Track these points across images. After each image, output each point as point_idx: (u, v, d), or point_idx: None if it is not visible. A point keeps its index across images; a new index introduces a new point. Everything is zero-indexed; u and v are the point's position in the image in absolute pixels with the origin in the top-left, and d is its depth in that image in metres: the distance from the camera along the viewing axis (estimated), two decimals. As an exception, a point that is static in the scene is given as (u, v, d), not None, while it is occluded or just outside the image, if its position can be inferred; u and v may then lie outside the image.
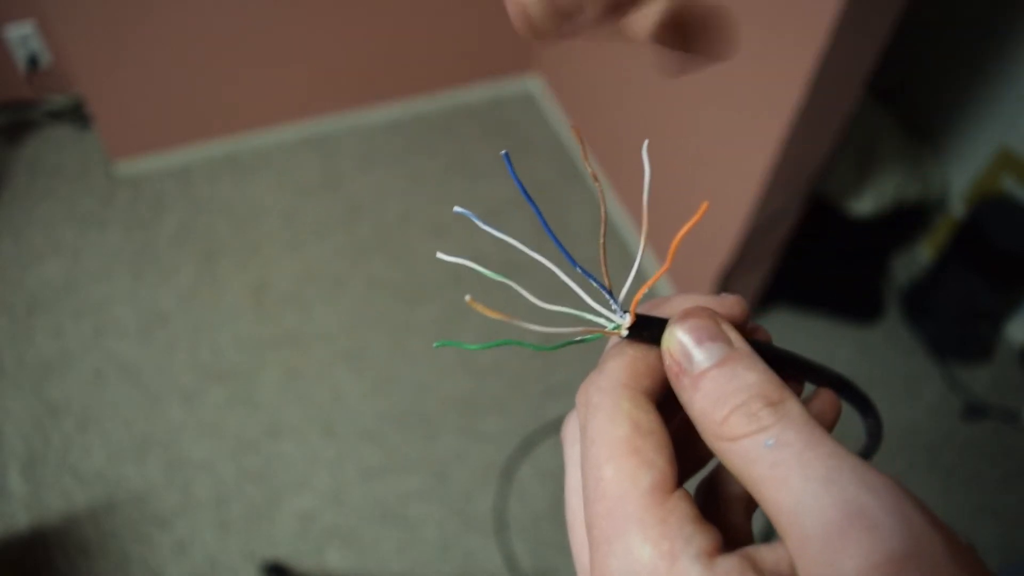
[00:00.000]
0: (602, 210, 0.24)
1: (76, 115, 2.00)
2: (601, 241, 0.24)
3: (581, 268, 0.25)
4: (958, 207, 1.85)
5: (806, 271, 1.78)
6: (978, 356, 1.78)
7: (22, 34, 1.84)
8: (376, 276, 1.78)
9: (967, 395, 1.72)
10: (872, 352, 1.79)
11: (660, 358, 0.23)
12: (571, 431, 0.25)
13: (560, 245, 0.25)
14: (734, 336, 0.21)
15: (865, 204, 1.71)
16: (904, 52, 1.80)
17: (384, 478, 1.50)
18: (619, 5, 0.25)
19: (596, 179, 0.25)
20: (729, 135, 1.44)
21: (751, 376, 0.20)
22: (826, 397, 0.26)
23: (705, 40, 0.27)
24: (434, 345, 0.25)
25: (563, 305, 0.25)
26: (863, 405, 0.28)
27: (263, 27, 1.80)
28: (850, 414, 0.28)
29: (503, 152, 0.25)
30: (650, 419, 0.21)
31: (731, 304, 0.24)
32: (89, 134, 1.98)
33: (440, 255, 0.26)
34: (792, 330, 1.79)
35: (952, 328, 1.76)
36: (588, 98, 1.97)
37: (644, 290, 0.23)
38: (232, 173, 1.95)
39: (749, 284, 1.64)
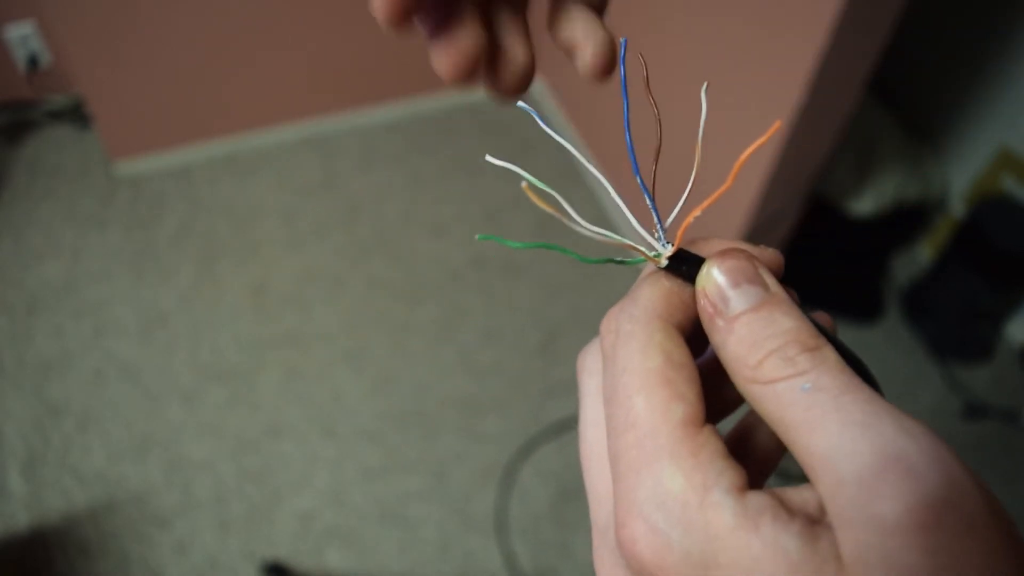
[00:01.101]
0: (658, 131, 0.24)
1: (76, 115, 2.00)
2: (653, 167, 0.24)
3: (640, 178, 0.24)
4: (958, 207, 1.85)
5: (806, 271, 1.78)
6: (978, 356, 1.78)
7: (22, 34, 1.84)
8: (376, 276, 1.78)
9: (967, 395, 1.72)
10: (872, 352, 1.79)
11: (694, 296, 0.22)
12: (591, 361, 0.24)
13: (629, 139, 0.24)
14: (771, 281, 0.21)
15: (865, 204, 1.71)
16: (904, 52, 1.80)
17: (384, 478, 1.50)
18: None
19: (654, 105, 0.25)
20: (729, 135, 1.44)
21: (788, 322, 0.20)
22: None
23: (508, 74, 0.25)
24: (477, 238, 0.24)
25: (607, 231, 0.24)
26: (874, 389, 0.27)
27: (263, 27, 1.80)
28: None
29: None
30: (682, 352, 0.21)
31: (770, 255, 0.24)
32: (89, 134, 1.98)
33: (489, 158, 0.25)
34: (792, 330, 1.79)
35: (952, 328, 1.76)
36: (588, 98, 1.97)
37: (695, 214, 0.23)
38: (232, 173, 1.95)
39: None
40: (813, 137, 1.32)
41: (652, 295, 0.22)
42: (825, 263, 1.83)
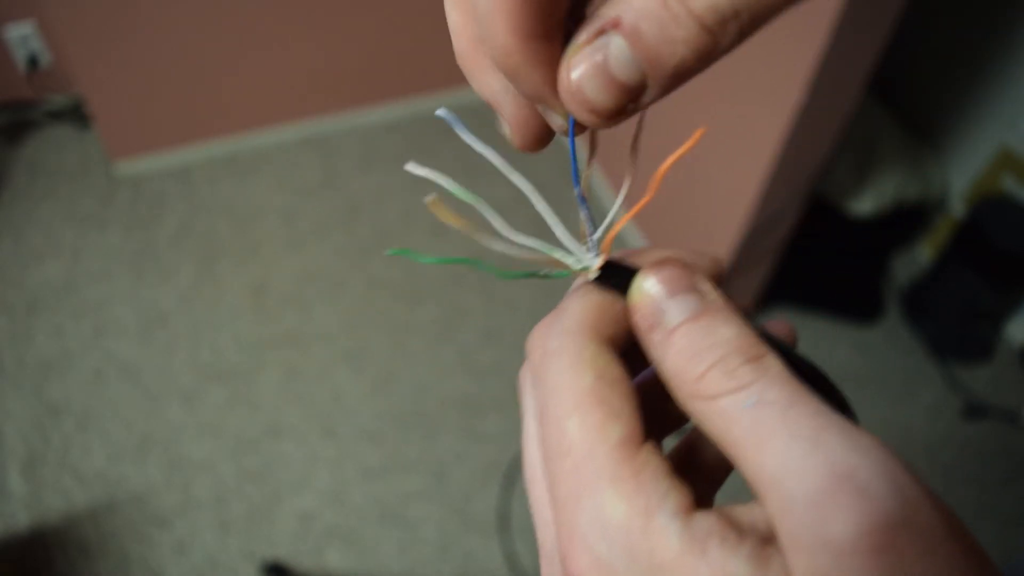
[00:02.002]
0: (591, 143, 0.22)
1: (76, 115, 2.00)
2: (587, 173, 0.22)
3: (578, 187, 0.22)
4: (958, 207, 1.85)
5: (806, 271, 1.78)
6: (978, 356, 1.78)
7: (22, 34, 1.84)
8: (376, 276, 1.78)
9: (967, 395, 1.72)
10: (872, 352, 1.79)
11: (625, 312, 0.21)
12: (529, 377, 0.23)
13: (573, 152, 0.23)
14: (708, 289, 0.20)
15: (865, 204, 1.71)
16: (904, 52, 1.80)
17: (384, 478, 1.50)
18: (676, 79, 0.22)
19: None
20: (729, 135, 1.44)
21: (728, 331, 0.19)
22: None
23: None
24: (387, 252, 0.22)
25: (535, 239, 0.23)
26: (838, 403, 0.25)
27: (263, 27, 1.80)
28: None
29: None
30: (615, 368, 0.20)
31: (709, 262, 0.22)
32: (89, 134, 1.98)
33: (409, 166, 0.23)
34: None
35: (952, 328, 1.76)
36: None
37: (620, 226, 0.22)
38: (232, 173, 1.95)
39: (749, 284, 1.64)
40: (813, 137, 1.32)
41: (581, 308, 0.21)
42: (825, 263, 1.83)
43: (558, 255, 0.22)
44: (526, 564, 1.42)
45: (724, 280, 0.23)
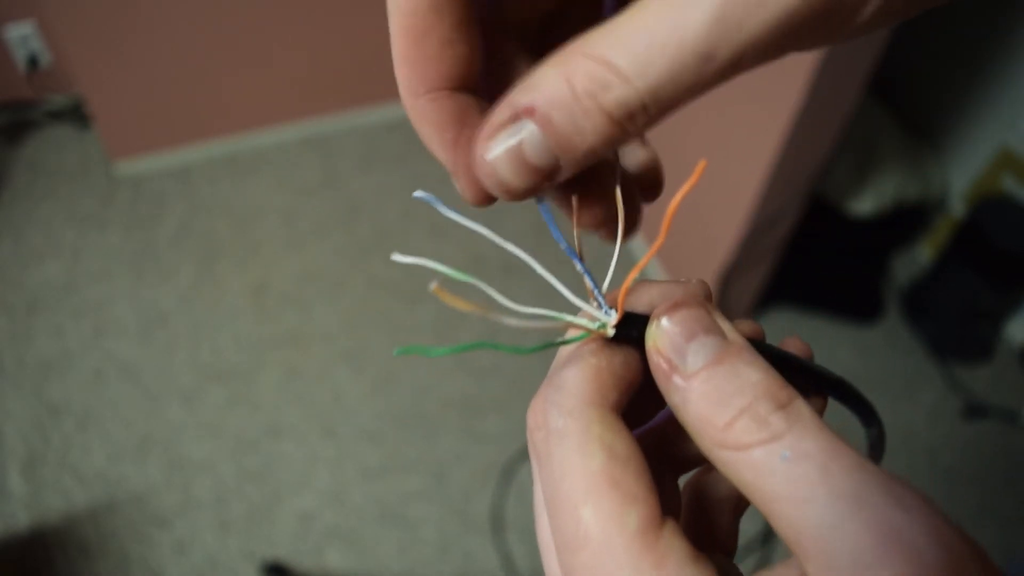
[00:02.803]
0: (573, 207, 0.22)
1: (76, 115, 2.00)
2: (575, 229, 0.22)
3: (564, 243, 0.21)
4: (958, 207, 1.85)
5: (806, 271, 1.78)
6: (978, 356, 1.78)
7: (22, 34, 1.84)
8: (376, 276, 1.78)
9: (967, 395, 1.72)
10: (872, 352, 1.79)
11: (626, 364, 0.20)
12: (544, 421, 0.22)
13: (547, 213, 0.22)
14: (727, 328, 0.19)
15: (865, 204, 1.71)
16: (904, 52, 1.80)
17: (384, 478, 1.50)
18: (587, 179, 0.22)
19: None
20: (729, 135, 1.44)
21: (754, 374, 0.18)
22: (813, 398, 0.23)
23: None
24: (394, 353, 0.20)
25: (542, 308, 0.22)
26: (866, 413, 0.25)
27: (263, 27, 1.80)
28: (839, 414, 0.27)
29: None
30: (625, 443, 0.19)
31: (696, 288, 0.21)
32: (89, 134, 1.98)
33: (395, 256, 0.22)
34: (792, 330, 1.79)
35: (952, 328, 1.76)
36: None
37: (633, 275, 0.20)
38: (232, 173, 1.95)
39: (749, 284, 1.64)
40: (813, 137, 1.32)
41: (579, 379, 0.20)
42: (825, 263, 1.83)
43: (569, 318, 0.21)
44: (523, 565, 1.42)
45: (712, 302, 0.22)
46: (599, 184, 0.22)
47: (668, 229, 0.19)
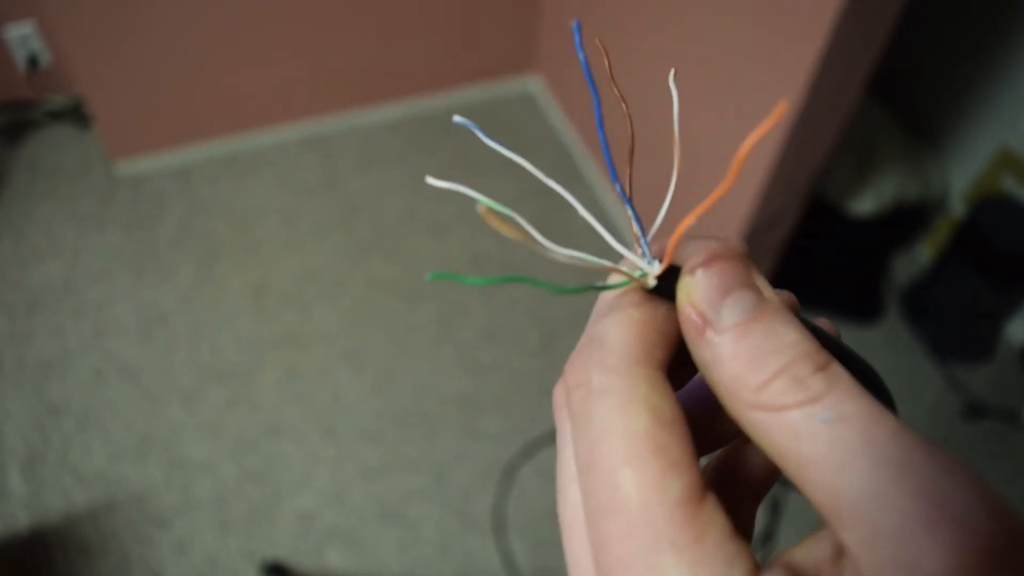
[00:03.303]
0: (630, 131, 0.20)
1: (76, 115, 2.00)
2: (628, 171, 0.20)
3: (619, 184, 0.20)
4: (958, 207, 1.85)
5: (806, 271, 1.78)
6: (978, 356, 1.78)
7: (22, 34, 1.84)
8: (376, 276, 1.78)
9: (967, 395, 1.72)
10: (872, 352, 1.79)
11: (668, 319, 0.19)
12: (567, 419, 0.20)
13: (603, 137, 0.20)
14: (765, 285, 0.18)
15: (865, 204, 1.71)
16: (904, 52, 1.80)
17: (384, 478, 1.50)
18: None
19: (622, 99, 0.21)
20: (729, 135, 1.44)
21: (792, 334, 0.17)
22: None
23: None
24: (427, 277, 0.18)
25: (582, 253, 0.20)
26: (886, 401, 0.23)
27: (263, 27, 1.80)
28: None
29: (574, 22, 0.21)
30: (671, 405, 0.17)
31: (736, 246, 0.20)
32: (89, 134, 1.98)
33: (430, 179, 0.20)
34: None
35: (952, 328, 1.76)
36: (588, 99, 1.97)
37: (687, 223, 0.19)
38: (232, 173, 1.95)
39: (749, 284, 1.64)
40: (813, 137, 1.32)
41: (625, 335, 0.18)
42: (825, 263, 1.83)
43: (612, 265, 0.20)
44: (523, 564, 1.42)
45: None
46: None
47: (737, 172, 0.18)
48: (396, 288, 1.76)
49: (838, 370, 0.16)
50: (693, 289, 0.18)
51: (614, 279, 0.20)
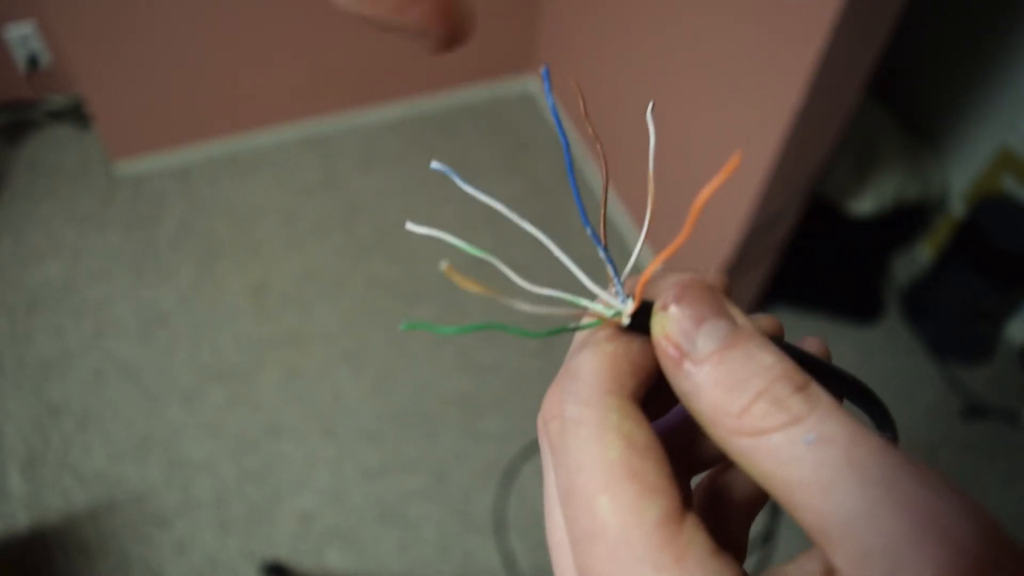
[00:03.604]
0: (603, 171, 0.21)
1: (76, 115, 2.00)
2: (602, 212, 0.21)
3: (590, 227, 0.21)
4: (958, 207, 1.85)
5: (806, 271, 1.78)
6: (978, 356, 1.78)
7: (22, 34, 1.84)
8: (376, 276, 1.78)
9: (967, 395, 1.72)
10: (872, 352, 1.79)
11: (643, 352, 0.19)
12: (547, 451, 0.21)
13: (575, 187, 0.21)
14: (737, 312, 0.18)
15: (865, 204, 1.71)
16: (904, 52, 1.80)
17: (384, 478, 1.50)
18: None
19: (596, 138, 0.21)
20: (729, 135, 1.44)
21: (768, 357, 0.17)
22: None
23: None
24: (401, 327, 0.19)
25: (555, 290, 0.21)
26: (882, 416, 0.24)
27: (263, 27, 1.80)
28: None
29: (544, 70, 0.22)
30: (645, 433, 0.18)
31: (714, 279, 0.20)
32: (89, 134, 1.98)
33: (410, 225, 0.21)
34: (792, 330, 1.79)
35: (952, 328, 1.76)
36: (588, 99, 1.97)
37: (655, 265, 0.19)
38: (232, 173, 1.95)
39: (749, 284, 1.64)
40: (813, 137, 1.32)
41: (597, 367, 0.19)
42: (825, 263, 1.83)
43: (584, 302, 0.20)
44: (524, 564, 1.42)
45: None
46: None
47: (694, 223, 0.18)
48: (396, 288, 1.76)
49: (818, 390, 0.16)
50: (667, 323, 0.18)
51: (590, 320, 0.20)
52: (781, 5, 1.21)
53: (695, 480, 0.23)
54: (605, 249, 0.20)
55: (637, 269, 0.20)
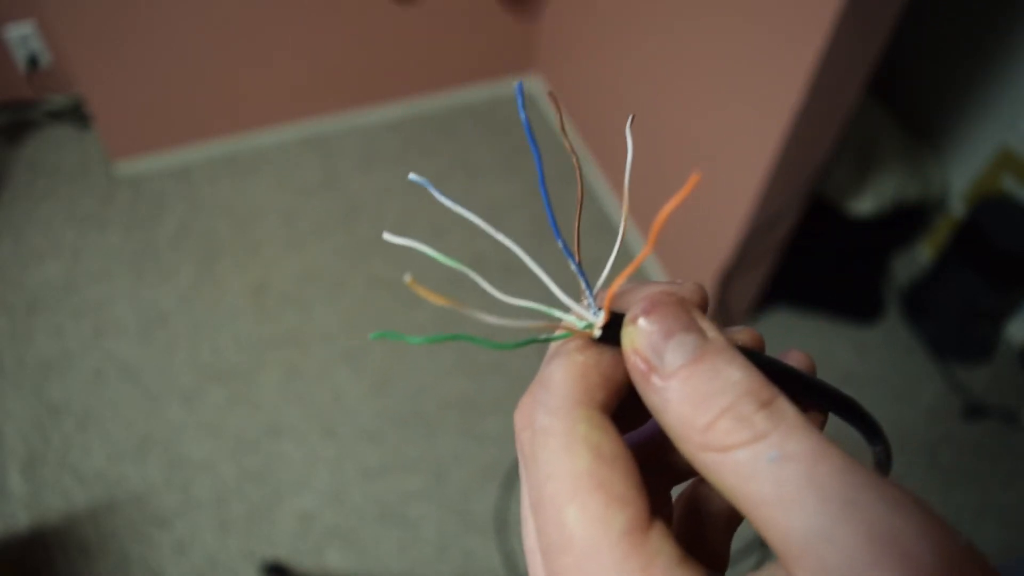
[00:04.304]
0: (579, 185, 0.21)
1: (76, 115, 2.00)
2: (576, 224, 0.21)
3: (561, 240, 0.21)
4: (958, 207, 1.85)
5: (806, 271, 1.78)
6: (978, 356, 1.78)
7: (22, 34, 1.84)
8: (376, 276, 1.78)
9: (967, 395, 1.72)
10: (872, 352, 1.79)
11: (615, 364, 0.19)
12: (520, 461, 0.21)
13: (548, 206, 0.21)
14: (708, 326, 0.18)
15: (865, 204, 1.71)
16: (904, 52, 1.80)
17: (384, 478, 1.50)
18: None
19: (573, 151, 0.22)
20: (729, 135, 1.44)
21: (735, 372, 0.17)
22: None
23: None
24: (370, 337, 0.20)
25: (530, 300, 0.21)
26: (871, 430, 0.23)
27: (263, 27, 1.80)
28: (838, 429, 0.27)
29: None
30: (613, 443, 0.18)
31: (690, 291, 0.20)
32: (89, 134, 1.98)
33: (387, 236, 0.22)
34: (792, 330, 1.79)
35: (952, 328, 1.76)
36: (588, 98, 1.97)
37: (621, 280, 0.20)
38: (232, 173, 1.96)
39: (749, 284, 1.64)
40: (813, 137, 1.32)
41: (565, 378, 0.19)
42: (825, 263, 1.83)
43: (557, 314, 0.20)
44: (524, 564, 1.42)
45: (707, 307, 0.21)
46: None
47: (655, 240, 0.18)
48: (396, 288, 1.76)
49: (784, 406, 0.16)
50: (636, 336, 0.18)
51: (563, 332, 0.21)
52: (781, 5, 1.21)
53: (677, 490, 0.23)
54: (578, 264, 0.20)
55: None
